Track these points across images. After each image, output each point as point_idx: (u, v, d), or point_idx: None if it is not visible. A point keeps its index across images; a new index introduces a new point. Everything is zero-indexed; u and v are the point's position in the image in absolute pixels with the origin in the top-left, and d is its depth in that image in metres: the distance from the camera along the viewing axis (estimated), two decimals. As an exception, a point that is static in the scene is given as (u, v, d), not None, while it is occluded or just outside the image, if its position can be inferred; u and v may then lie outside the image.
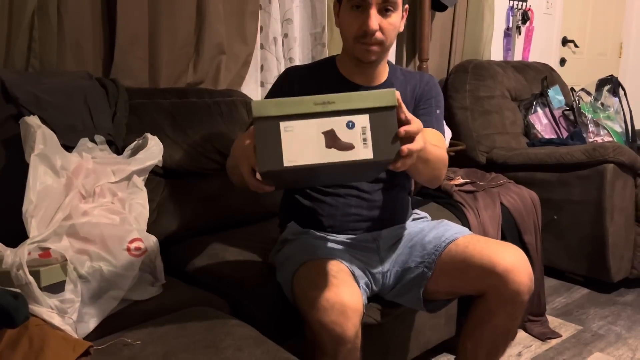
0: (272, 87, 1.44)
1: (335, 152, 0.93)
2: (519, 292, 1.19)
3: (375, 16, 1.22)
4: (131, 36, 1.71)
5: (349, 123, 0.94)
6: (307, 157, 0.93)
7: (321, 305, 1.06)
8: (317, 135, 0.93)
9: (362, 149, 0.93)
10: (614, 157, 2.20)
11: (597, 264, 2.27)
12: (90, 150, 1.36)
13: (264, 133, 0.92)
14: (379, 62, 1.33)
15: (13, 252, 1.02)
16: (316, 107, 0.93)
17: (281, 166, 0.92)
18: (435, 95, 1.41)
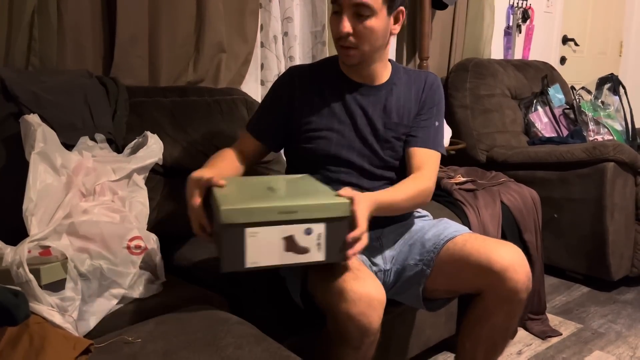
0: (274, 85, 1.44)
1: (292, 255, 1.06)
2: (516, 290, 1.18)
3: (348, 20, 1.24)
4: (131, 35, 1.71)
5: (307, 230, 1.06)
6: (267, 259, 1.05)
7: (349, 297, 1.07)
8: (278, 240, 1.05)
9: (316, 253, 1.06)
10: (615, 156, 2.19)
11: (597, 262, 2.27)
12: (90, 149, 1.36)
13: (230, 237, 1.02)
14: (367, 64, 1.33)
15: (13, 250, 1.02)
16: (280, 216, 1.04)
17: (243, 267, 1.04)
18: (438, 101, 1.40)
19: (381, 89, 1.37)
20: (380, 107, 1.36)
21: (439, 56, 2.81)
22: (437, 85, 1.41)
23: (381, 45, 1.31)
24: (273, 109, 1.41)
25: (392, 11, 1.27)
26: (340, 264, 1.14)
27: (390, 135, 1.36)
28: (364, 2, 1.21)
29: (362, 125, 1.35)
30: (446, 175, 2.15)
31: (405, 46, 2.66)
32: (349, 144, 1.34)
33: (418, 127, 1.37)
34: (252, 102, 1.89)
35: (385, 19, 1.26)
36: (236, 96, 1.87)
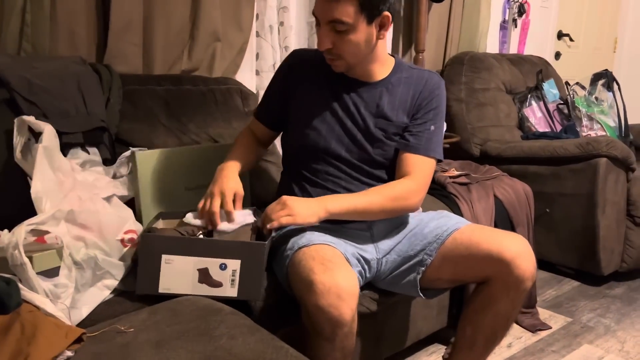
0: (277, 69, 1.46)
1: (205, 287, 1.12)
2: (523, 278, 1.21)
3: (327, 33, 1.24)
4: (125, 21, 1.69)
5: (222, 265, 1.12)
6: (180, 287, 1.12)
7: (318, 289, 1.07)
8: (193, 271, 1.11)
9: (229, 288, 1.12)
10: (607, 152, 2.21)
11: (587, 257, 2.29)
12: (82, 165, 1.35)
13: (147, 261, 1.10)
14: (358, 67, 1.32)
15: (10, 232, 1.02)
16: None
17: (156, 291, 1.11)
18: (437, 106, 1.37)
19: (377, 87, 1.36)
20: (373, 105, 1.35)
21: (435, 49, 2.80)
22: (438, 88, 1.38)
23: (367, 53, 1.29)
24: (275, 93, 1.44)
25: (372, 20, 1.23)
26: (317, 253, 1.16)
27: (381, 134, 1.35)
28: (337, 19, 1.20)
29: (353, 121, 1.35)
30: (440, 169, 2.15)
31: (402, 38, 2.65)
32: (338, 138, 1.34)
33: (412, 133, 1.35)
34: (247, 91, 1.88)
35: (366, 30, 1.23)
36: (231, 85, 1.86)
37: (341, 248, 1.24)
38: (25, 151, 1.26)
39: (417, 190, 1.32)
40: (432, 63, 2.79)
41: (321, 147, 1.34)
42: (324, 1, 1.21)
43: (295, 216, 1.20)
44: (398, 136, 1.36)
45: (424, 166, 1.34)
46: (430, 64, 2.74)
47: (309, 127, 1.35)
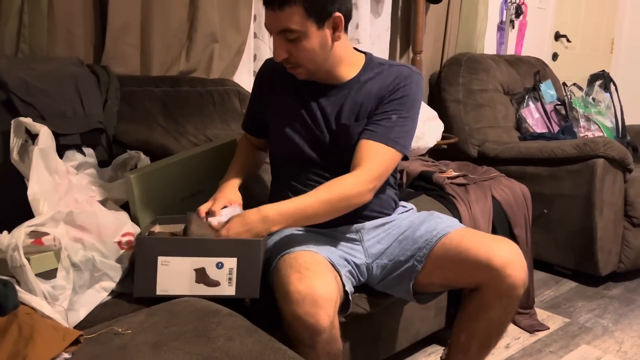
0: (254, 79, 1.46)
1: (203, 287, 1.12)
2: (515, 285, 1.20)
3: (280, 44, 1.21)
4: (123, 22, 1.69)
5: (218, 264, 1.11)
6: (178, 288, 1.11)
7: (293, 298, 1.07)
8: (190, 271, 1.11)
9: (227, 287, 1.12)
10: (604, 152, 2.21)
11: (585, 257, 2.29)
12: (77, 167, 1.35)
13: (143, 264, 1.10)
14: (320, 72, 1.28)
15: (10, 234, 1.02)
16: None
17: (154, 294, 1.11)
18: (402, 96, 1.28)
19: (343, 89, 1.32)
20: (339, 108, 1.31)
21: (433, 50, 2.81)
22: (406, 79, 1.29)
23: (325, 57, 1.25)
24: (254, 103, 1.47)
25: (323, 23, 1.19)
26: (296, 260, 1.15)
27: (343, 138, 1.31)
28: (285, 27, 1.18)
29: (320, 126, 1.32)
30: (438, 170, 2.15)
31: (399, 39, 2.66)
32: (310, 144, 1.34)
33: (372, 121, 1.28)
34: (244, 93, 1.88)
35: (318, 34, 1.20)
36: (228, 87, 1.86)
37: (325, 253, 1.22)
38: (22, 153, 1.25)
39: (367, 180, 1.22)
40: (430, 64, 2.79)
41: (296, 153, 1.34)
42: (270, 13, 1.19)
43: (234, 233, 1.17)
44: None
45: (379, 154, 1.24)
46: (428, 65, 2.74)
47: (283, 136, 1.35)
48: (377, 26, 2.52)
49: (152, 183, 1.34)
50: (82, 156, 1.40)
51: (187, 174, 1.43)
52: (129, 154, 1.43)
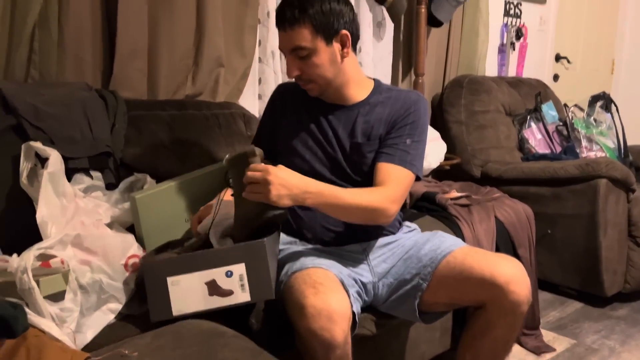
0: (267, 102, 1.54)
1: (217, 298, 1.10)
2: (519, 303, 1.21)
3: (292, 61, 1.30)
4: (131, 48, 1.73)
5: (227, 272, 1.10)
6: (193, 306, 1.10)
7: (309, 313, 1.08)
8: (201, 286, 1.10)
9: (241, 294, 1.11)
10: (607, 173, 2.22)
11: (590, 278, 2.28)
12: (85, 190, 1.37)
13: (154, 288, 1.09)
14: (331, 89, 1.36)
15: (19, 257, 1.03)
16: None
17: (170, 315, 1.10)
18: (413, 121, 1.35)
19: (353, 109, 1.39)
20: (349, 127, 1.38)
21: (434, 72, 2.84)
22: (415, 105, 1.37)
23: (336, 73, 1.33)
24: (265, 127, 1.53)
25: (331, 40, 1.29)
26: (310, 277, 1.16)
27: (356, 156, 1.37)
28: (296, 45, 1.27)
29: (332, 144, 1.39)
30: (441, 190, 2.17)
31: (401, 62, 2.69)
32: (321, 162, 1.39)
33: (387, 144, 1.35)
34: (249, 116, 1.91)
35: (327, 50, 1.29)
36: (234, 110, 1.88)
37: (335, 270, 1.25)
38: (31, 176, 1.28)
39: (392, 200, 1.27)
40: (432, 86, 2.82)
41: (307, 171, 1.36)
42: (282, 33, 1.29)
43: (267, 196, 1.12)
44: (374, 153, 1.37)
45: (399, 177, 1.31)
46: (429, 87, 2.78)
47: (294, 154, 1.40)
48: (379, 50, 2.56)
49: (157, 204, 1.36)
50: (89, 179, 1.42)
51: (191, 195, 1.45)
52: (135, 177, 1.45)
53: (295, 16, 1.24)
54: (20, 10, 1.49)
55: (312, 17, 1.25)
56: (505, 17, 3.26)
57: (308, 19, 1.25)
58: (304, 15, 1.25)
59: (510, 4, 3.28)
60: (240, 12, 1.99)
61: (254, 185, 1.12)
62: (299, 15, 1.24)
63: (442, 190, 2.18)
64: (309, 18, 1.25)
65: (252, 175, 1.12)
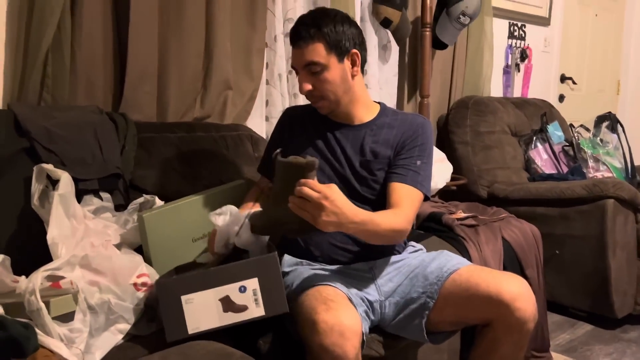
0: (275, 126, 1.58)
1: (232, 314, 1.11)
2: (525, 320, 1.21)
3: (305, 77, 1.35)
4: (141, 72, 1.76)
5: (241, 288, 1.11)
6: (208, 323, 1.10)
7: (321, 329, 1.09)
8: (215, 302, 1.10)
9: (256, 308, 1.11)
10: (614, 193, 2.22)
11: (600, 299, 2.26)
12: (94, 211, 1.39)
13: (168, 307, 1.09)
14: (340, 107, 1.40)
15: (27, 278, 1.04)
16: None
17: (186, 334, 1.09)
18: (422, 143, 1.40)
19: (360, 129, 1.44)
20: (357, 146, 1.42)
21: (440, 94, 2.87)
22: (422, 127, 1.43)
23: (346, 90, 1.38)
24: (272, 149, 1.53)
25: (342, 57, 1.35)
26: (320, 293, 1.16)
27: (365, 173, 1.41)
28: (310, 60, 1.33)
29: (340, 162, 1.42)
30: (447, 211, 2.17)
31: (407, 84, 2.72)
32: (329, 179, 1.41)
33: (398, 165, 1.39)
34: (257, 137, 1.93)
35: (339, 67, 1.35)
36: (242, 132, 1.91)
37: (344, 289, 1.26)
38: (42, 198, 1.30)
39: (407, 221, 1.32)
40: (437, 107, 2.84)
41: None
42: (296, 50, 1.35)
43: (316, 220, 1.11)
44: (382, 171, 1.41)
45: (412, 197, 1.35)
46: (435, 109, 2.80)
47: None
48: (385, 72, 2.59)
49: (164, 223, 1.37)
50: (99, 201, 1.44)
51: (198, 215, 1.46)
52: (144, 198, 1.47)
53: (310, 33, 1.32)
54: (34, 35, 1.53)
55: (326, 34, 1.32)
56: (509, 39, 3.30)
57: (322, 36, 1.32)
58: (319, 32, 1.32)
59: (514, 26, 3.31)
60: (248, 36, 2.03)
61: (305, 202, 1.09)
62: (314, 33, 1.32)
63: (449, 210, 2.18)
64: (323, 35, 1.32)
65: (307, 194, 1.08)
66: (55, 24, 1.54)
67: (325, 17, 1.34)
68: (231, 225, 1.31)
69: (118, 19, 1.74)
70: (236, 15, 1.99)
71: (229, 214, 1.33)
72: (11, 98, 1.57)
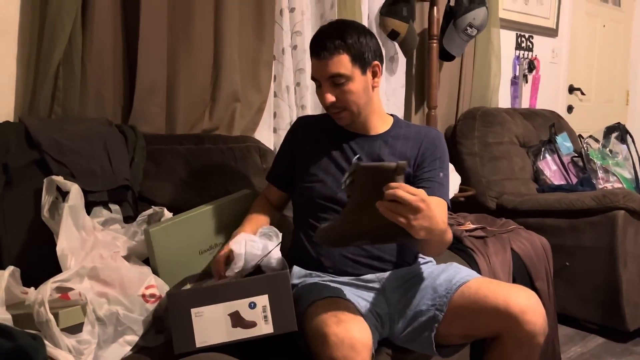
0: (285, 135, 1.57)
1: (240, 330, 1.10)
2: (534, 333, 1.20)
3: (328, 89, 1.35)
4: (150, 85, 1.78)
5: (251, 304, 1.11)
6: (216, 337, 1.09)
7: (332, 341, 1.08)
8: (224, 317, 1.10)
9: (264, 325, 1.11)
10: (624, 204, 2.20)
11: (611, 312, 2.24)
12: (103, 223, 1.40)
13: (177, 319, 1.09)
14: (358, 118, 1.40)
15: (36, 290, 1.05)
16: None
17: (194, 347, 1.09)
18: (441, 155, 1.43)
19: (376, 139, 1.44)
20: (374, 155, 1.43)
21: (447, 105, 2.87)
22: (438, 139, 1.45)
23: (367, 101, 1.39)
24: (283, 157, 1.56)
25: (365, 69, 1.35)
26: (330, 306, 1.16)
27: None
28: (335, 72, 1.32)
29: None
30: (456, 222, 2.16)
31: (414, 95, 2.73)
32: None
33: (424, 178, 1.40)
34: (264, 149, 1.94)
35: (362, 79, 1.35)
36: (250, 144, 1.91)
37: (354, 301, 1.26)
38: (52, 210, 1.31)
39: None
40: (445, 119, 2.84)
41: (327, 196, 1.41)
42: (320, 62, 1.34)
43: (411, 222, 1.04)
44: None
45: (443, 209, 1.36)
46: (442, 120, 2.80)
47: (315, 180, 1.43)
48: (392, 84, 2.60)
49: (171, 237, 1.38)
50: (108, 212, 1.45)
51: (205, 227, 1.47)
52: (153, 210, 1.47)
53: (336, 45, 1.31)
54: (45, 49, 1.55)
55: (351, 46, 1.32)
56: (517, 50, 3.30)
57: (347, 48, 1.32)
58: (344, 44, 1.32)
59: (521, 37, 3.32)
60: (256, 48, 2.05)
61: (399, 206, 1.02)
62: (339, 44, 1.32)
63: (457, 222, 2.17)
64: (347, 47, 1.32)
65: (404, 197, 1.00)
66: (66, 38, 1.56)
67: (348, 28, 1.34)
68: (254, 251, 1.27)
69: (128, 33, 1.76)
70: (244, 29, 2.01)
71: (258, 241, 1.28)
72: (22, 110, 1.59)
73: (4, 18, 1.55)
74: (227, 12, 1.92)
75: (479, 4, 2.54)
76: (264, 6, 2.03)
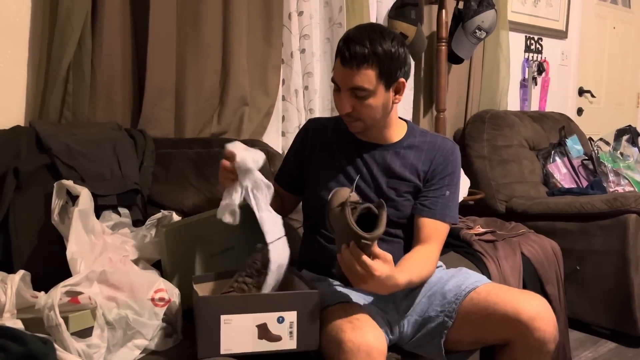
0: (295, 137, 1.56)
1: (265, 342, 1.11)
2: (545, 340, 1.18)
3: (347, 99, 1.30)
4: (159, 89, 1.79)
5: (279, 318, 1.12)
6: (241, 346, 1.10)
7: (347, 348, 1.07)
8: (252, 328, 1.11)
9: (288, 341, 1.12)
10: (636, 207, 2.17)
11: (623, 316, 2.21)
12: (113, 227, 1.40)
13: (206, 324, 1.09)
14: (372, 130, 1.38)
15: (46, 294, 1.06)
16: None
17: (218, 354, 1.09)
18: (452, 172, 1.40)
19: (388, 149, 1.41)
20: (385, 166, 1.40)
21: (456, 108, 2.86)
22: (452, 154, 1.41)
23: (384, 115, 1.36)
24: (292, 159, 1.54)
25: (389, 87, 1.31)
26: (344, 312, 1.16)
27: (393, 193, 1.38)
28: (359, 86, 1.27)
29: (365, 182, 1.40)
30: (465, 226, 2.15)
31: (423, 99, 2.72)
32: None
33: (427, 197, 1.38)
34: (273, 152, 1.94)
35: (384, 95, 1.31)
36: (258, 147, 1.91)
37: (366, 307, 1.25)
38: (62, 213, 1.31)
39: (437, 259, 1.37)
40: (453, 122, 2.83)
41: None
42: (345, 69, 1.28)
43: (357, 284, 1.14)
44: (409, 194, 1.39)
45: (441, 232, 1.37)
46: (451, 123, 2.79)
47: (324, 189, 1.40)
48: (400, 86, 2.59)
49: (183, 237, 1.38)
50: (117, 216, 1.45)
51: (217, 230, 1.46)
52: (162, 214, 1.48)
53: (365, 55, 1.24)
54: (55, 53, 1.56)
55: (381, 61, 1.25)
56: (526, 53, 3.28)
57: (376, 61, 1.25)
58: (374, 56, 1.25)
59: (531, 40, 3.30)
60: (264, 52, 2.05)
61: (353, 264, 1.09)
62: (369, 55, 1.24)
63: (467, 225, 2.16)
64: (377, 60, 1.25)
65: (353, 267, 1.09)
66: (76, 42, 1.57)
67: (381, 38, 1.26)
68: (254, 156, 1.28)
69: (137, 38, 1.77)
70: (252, 32, 2.02)
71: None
72: (33, 115, 1.60)
73: (14, 23, 1.57)
74: (235, 16, 1.93)
75: (487, 6, 2.53)
76: (272, 10, 2.03)
